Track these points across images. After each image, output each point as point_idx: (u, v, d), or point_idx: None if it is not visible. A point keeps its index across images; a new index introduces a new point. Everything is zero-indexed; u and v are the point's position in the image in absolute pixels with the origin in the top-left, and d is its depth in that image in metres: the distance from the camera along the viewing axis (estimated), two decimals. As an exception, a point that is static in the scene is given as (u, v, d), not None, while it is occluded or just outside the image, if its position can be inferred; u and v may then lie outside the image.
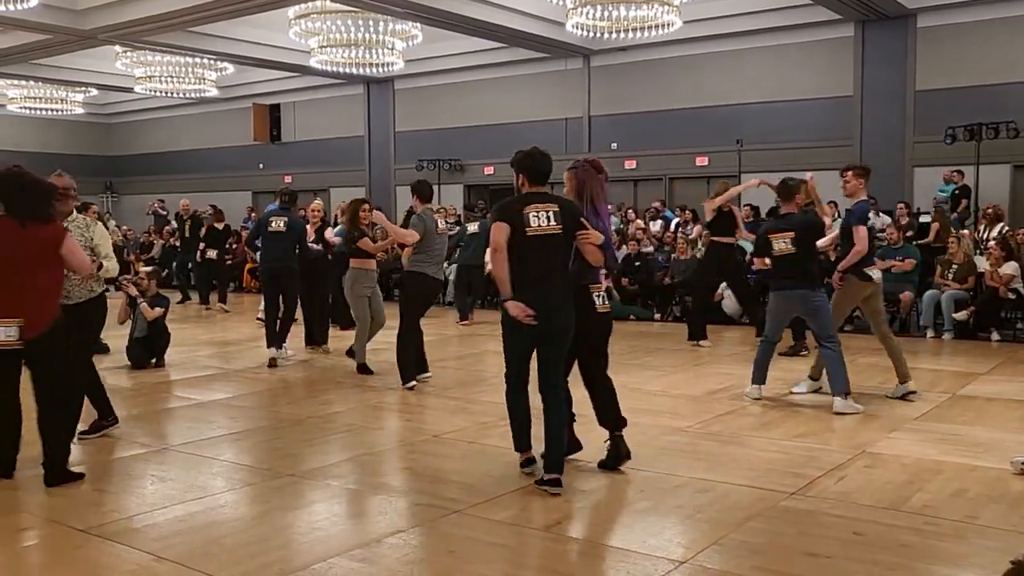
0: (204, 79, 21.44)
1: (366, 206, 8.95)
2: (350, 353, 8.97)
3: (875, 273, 7.33)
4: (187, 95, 23.00)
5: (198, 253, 15.55)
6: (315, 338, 10.32)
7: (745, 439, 6.06)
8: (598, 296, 5.17)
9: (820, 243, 7.44)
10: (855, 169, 7.44)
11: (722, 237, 10.48)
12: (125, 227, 22.81)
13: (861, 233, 7.07)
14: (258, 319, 12.61)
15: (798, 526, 4.35)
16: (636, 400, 7.34)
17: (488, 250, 4.95)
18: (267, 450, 5.92)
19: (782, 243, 7.06)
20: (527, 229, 4.82)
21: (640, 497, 4.83)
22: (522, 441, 5.16)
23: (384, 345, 9.10)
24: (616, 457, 5.23)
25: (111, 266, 5.88)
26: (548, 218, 4.86)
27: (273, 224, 9.51)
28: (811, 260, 7.10)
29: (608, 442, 5.26)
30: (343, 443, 6.03)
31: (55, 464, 5.06)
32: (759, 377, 7.34)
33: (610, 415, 5.27)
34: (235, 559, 3.95)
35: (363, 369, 8.62)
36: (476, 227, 13.91)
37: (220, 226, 15.92)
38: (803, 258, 7.02)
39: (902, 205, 14.27)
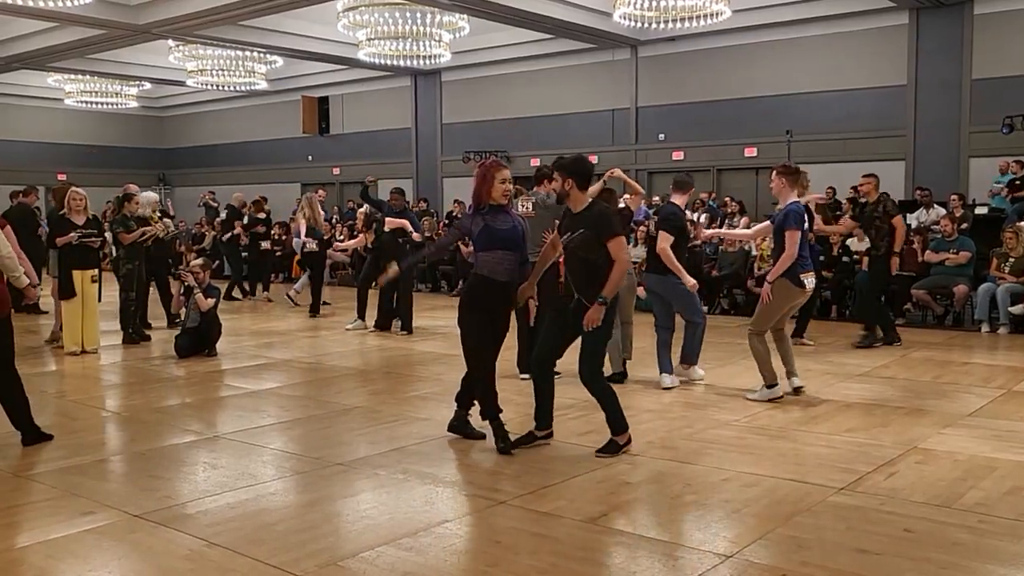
0: (254, 72, 21.75)
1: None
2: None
3: (809, 281, 6.96)
4: (238, 88, 23.34)
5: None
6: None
7: (793, 433, 6.00)
8: None
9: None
10: (779, 168, 7.17)
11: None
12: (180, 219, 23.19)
13: (793, 238, 6.78)
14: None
15: (847, 522, 4.30)
16: (683, 393, 7.32)
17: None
18: (316, 439, 6.00)
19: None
20: None
21: (686, 491, 4.81)
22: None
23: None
24: None
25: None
26: None
27: None
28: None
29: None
30: (391, 433, 6.09)
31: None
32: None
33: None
34: (284, 546, 4.02)
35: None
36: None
37: (262, 216, 16.16)
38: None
39: (956, 197, 13.99)
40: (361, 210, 11.98)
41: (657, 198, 17.90)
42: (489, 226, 5.62)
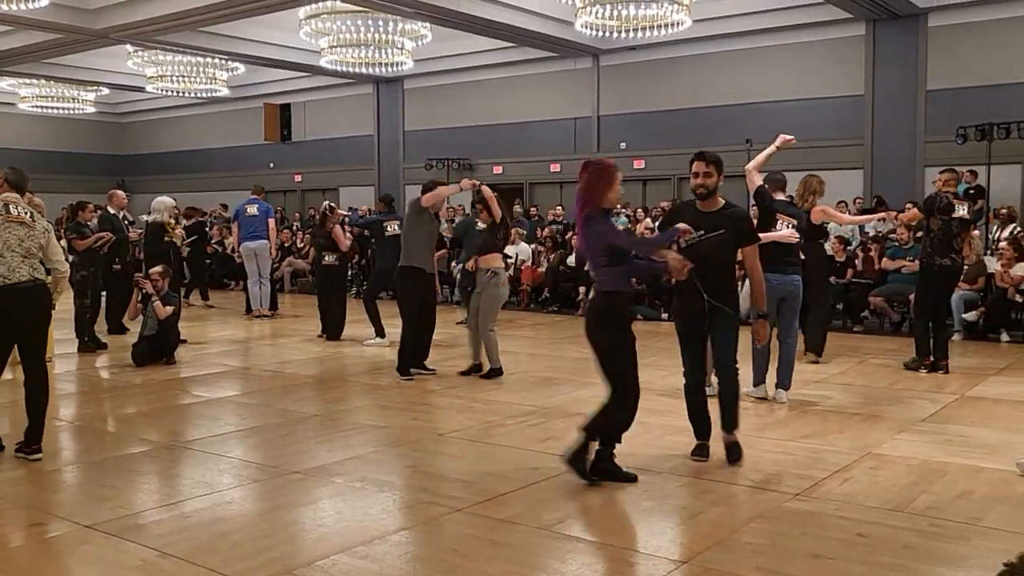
0: (215, 79, 21.54)
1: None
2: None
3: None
4: (199, 95, 23.11)
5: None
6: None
7: (750, 440, 6.03)
8: None
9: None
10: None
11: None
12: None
13: None
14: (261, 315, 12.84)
15: (801, 527, 4.34)
16: (641, 400, 7.33)
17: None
18: (274, 447, 5.95)
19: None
20: None
21: (643, 497, 4.84)
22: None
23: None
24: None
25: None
26: None
27: (389, 228, 10.35)
28: None
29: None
30: (349, 441, 6.06)
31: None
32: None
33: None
34: (240, 555, 3.98)
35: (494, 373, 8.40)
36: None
37: (190, 222, 16.11)
38: None
39: (911, 205, 14.19)
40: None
41: (619, 206, 18.02)
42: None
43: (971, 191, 14.45)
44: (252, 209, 13.10)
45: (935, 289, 8.78)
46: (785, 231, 7.08)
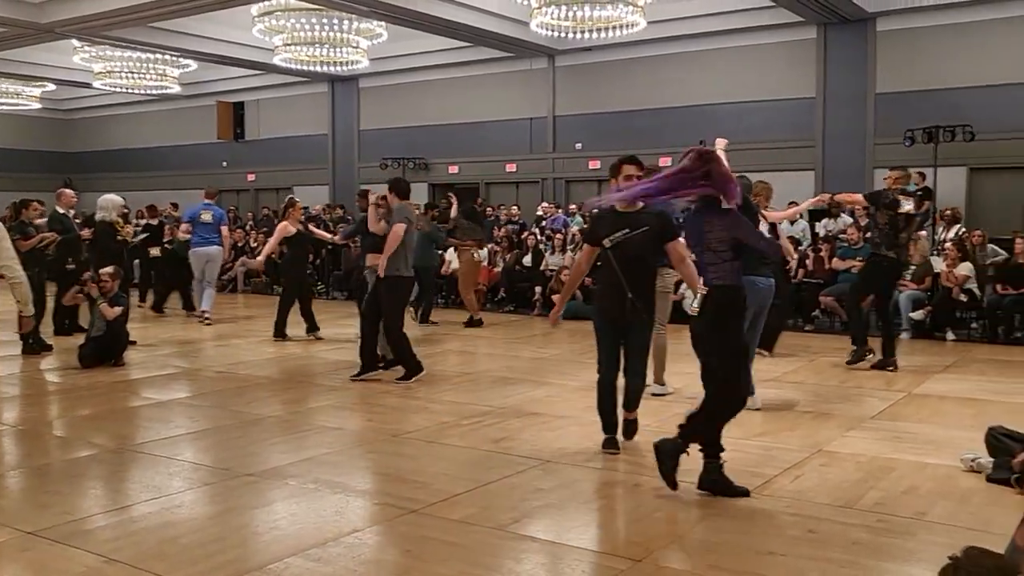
0: (166, 76, 21.17)
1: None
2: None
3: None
4: (149, 92, 22.72)
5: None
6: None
7: (704, 438, 6.09)
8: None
9: None
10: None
11: None
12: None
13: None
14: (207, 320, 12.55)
15: (754, 524, 4.39)
16: (590, 399, 7.36)
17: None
18: (227, 449, 5.87)
19: None
20: None
21: (598, 496, 4.85)
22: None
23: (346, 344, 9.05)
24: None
25: None
26: None
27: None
28: None
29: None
30: (302, 442, 5.99)
31: None
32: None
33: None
34: (189, 559, 3.91)
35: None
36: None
37: (155, 222, 15.81)
38: None
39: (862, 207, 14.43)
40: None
41: (573, 206, 18.08)
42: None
43: (919, 192, 14.72)
44: (207, 216, 12.69)
45: (876, 280, 8.87)
46: None
